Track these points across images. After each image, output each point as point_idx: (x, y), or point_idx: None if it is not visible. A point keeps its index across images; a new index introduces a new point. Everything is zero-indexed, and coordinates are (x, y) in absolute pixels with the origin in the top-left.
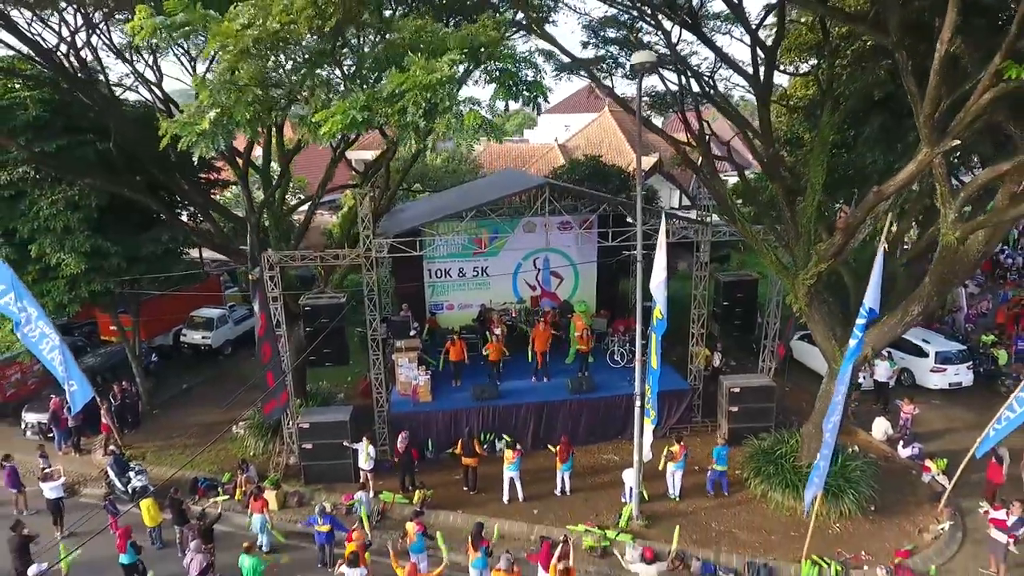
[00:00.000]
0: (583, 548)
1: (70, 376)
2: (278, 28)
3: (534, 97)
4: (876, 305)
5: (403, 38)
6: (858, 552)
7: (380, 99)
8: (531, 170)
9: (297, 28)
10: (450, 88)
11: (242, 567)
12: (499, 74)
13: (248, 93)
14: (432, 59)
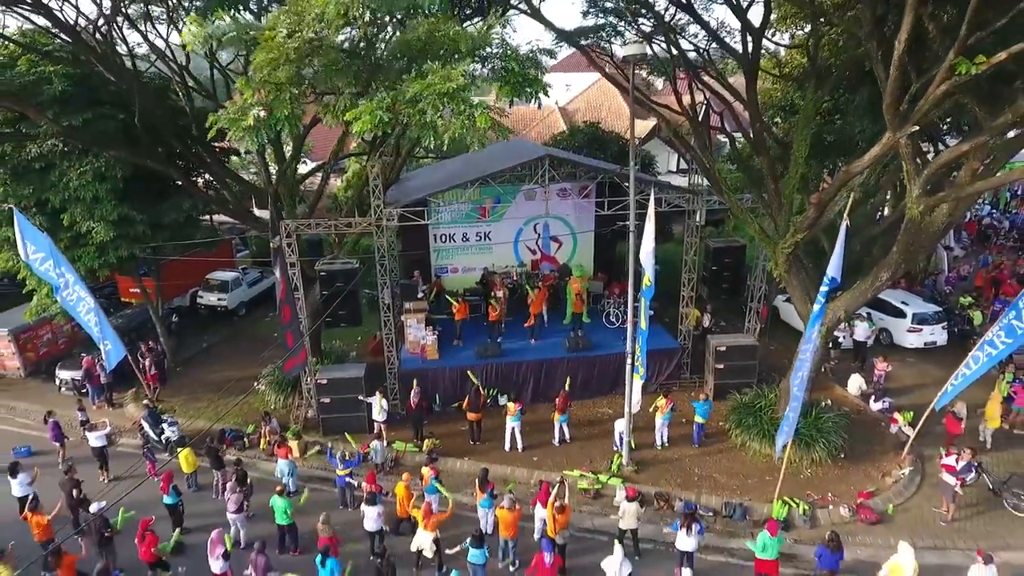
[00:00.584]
0: (578, 490)
1: (105, 336)
2: (313, 36)
3: (535, 93)
4: (837, 274)
5: (418, 37)
6: (825, 494)
7: (403, 101)
8: (531, 134)
9: (329, 35)
10: (464, 95)
11: (274, 506)
12: (505, 73)
13: (286, 92)
14: (447, 64)
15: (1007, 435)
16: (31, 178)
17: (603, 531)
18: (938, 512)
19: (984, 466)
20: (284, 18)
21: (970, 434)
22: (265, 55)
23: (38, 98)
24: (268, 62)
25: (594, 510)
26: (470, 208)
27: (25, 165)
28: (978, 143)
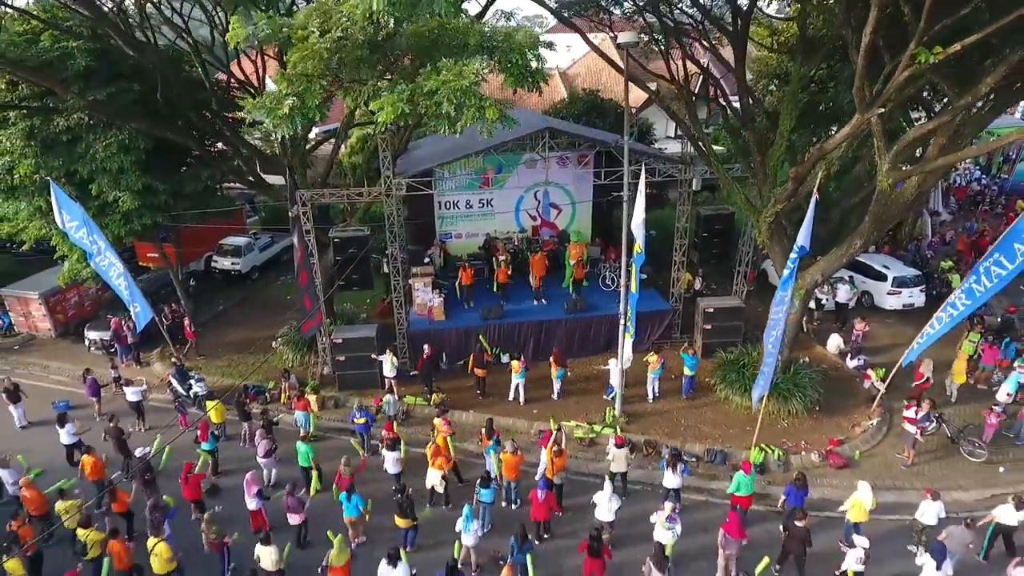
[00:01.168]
0: (574, 438)
1: (134, 299)
2: (341, 35)
3: (536, 83)
4: (806, 243)
5: (430, 28)
6: (799, 442)
7: (421, 93)
8: (532, 100)
9: (355, 33)
10: (476, 91)
11: (298, 451)
12: (510, 65)
13: (316, 83)
14: (459, 61)
15: (971, 390)
16: (60, 150)
17: (597, 474)
18: (900, 458)
19: (945, 417)
20: (314, 17)
21: (938, 389)
22: (300, 55)
23: (63, 73)
24: (302, 59)
25: (588, 456)
26: (473, 176)
27: (53, 138)
28: (942, 122)
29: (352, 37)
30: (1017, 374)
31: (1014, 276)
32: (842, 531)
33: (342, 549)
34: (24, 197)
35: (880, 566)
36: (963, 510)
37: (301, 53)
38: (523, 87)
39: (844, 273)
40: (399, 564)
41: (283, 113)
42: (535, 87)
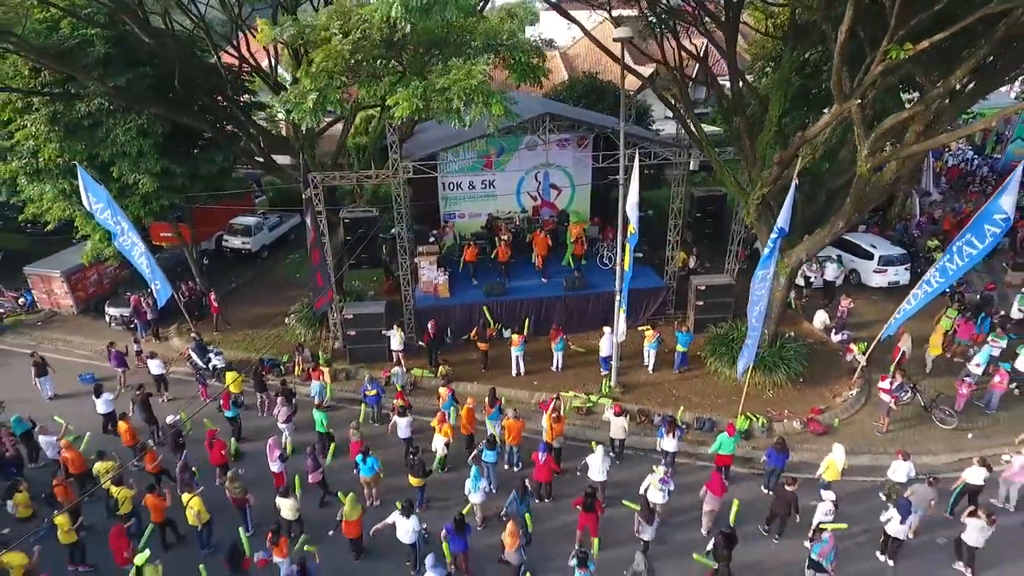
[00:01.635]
0: (572, 407)
1: (155, 277)
2: (360, 37)
3: (538, 78)
4: (786, 225)
5: (440, 25)
6: (783, 411)
7: (433, 90)
8: None
9: (372, 34)
10: (484, 89)
11: (315, 418)
12: (514, 62)
13: (337, 80)
14: (467, 59)
15: (948, 363)
16: (82, 135)
17: (594, 440)
18: (876, 425)
19: (919, 387)
20: (335, 18)
21: (917, 362)
22: (324, 55)
23: (83, 60)
24: (326, 59)
25: (586, 424)
26: (476, 158)
27: (76, 123)
28: (915, 112)
29: (370, 38)
30: (989, 347)
31: (983, 256)
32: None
33: (354, 505)
34: (49, 180)
35: (853, 522)
36: (932, 472)
37: (325, 54)
38: (526, 82)
39: (832, 252)
40: (412, 516)
41: (307, 107)
42: (537, 82)
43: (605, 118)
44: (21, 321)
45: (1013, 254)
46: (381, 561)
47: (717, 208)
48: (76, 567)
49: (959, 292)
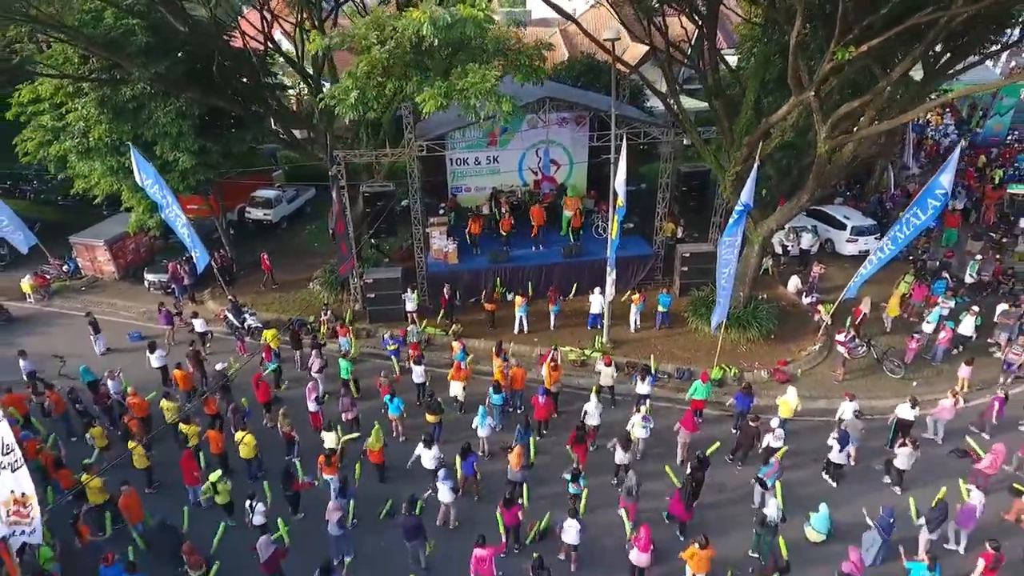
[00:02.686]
0: (568, 360)
1: (195, 246)
2: (393, 46)
3: (539, 78)
4: (750, 200)
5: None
6: (754, 362)
7: (455, 91)
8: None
9: (404, 44)
10: (497, 90)
11: (340, 367)
12: (519, 65)
13: (373, 79)
14: (482, 65)
15: (904, 322)
16: (127, 117)
17: (587, 388)
18: (833, 375)
19: (873, 342)
20: (372, 28)
21: (877, 321)
22: (366, 62)
23: (127, 49)
24: (367, 64)
25: (580, 374)
26: (482, 136)
27: (122, 106)
28: (864, 101)
29: (402, 46)
30: (940, 308)
31: (927, 226)
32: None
33: (378, 438)
34: (98, 157)
35: (808, 453)
36: (879, 413)
37: (367, 61)
38: (529, 82)
39: (808, 223)
40: (432, 446)
41: (350, 103)
42: (538, 82)
43: (600, 99)
44: (67, 286)
45: (975, 224)
46: (400, 483)
47: (701, 182)
48: (151, 489)
49: (922, 260)
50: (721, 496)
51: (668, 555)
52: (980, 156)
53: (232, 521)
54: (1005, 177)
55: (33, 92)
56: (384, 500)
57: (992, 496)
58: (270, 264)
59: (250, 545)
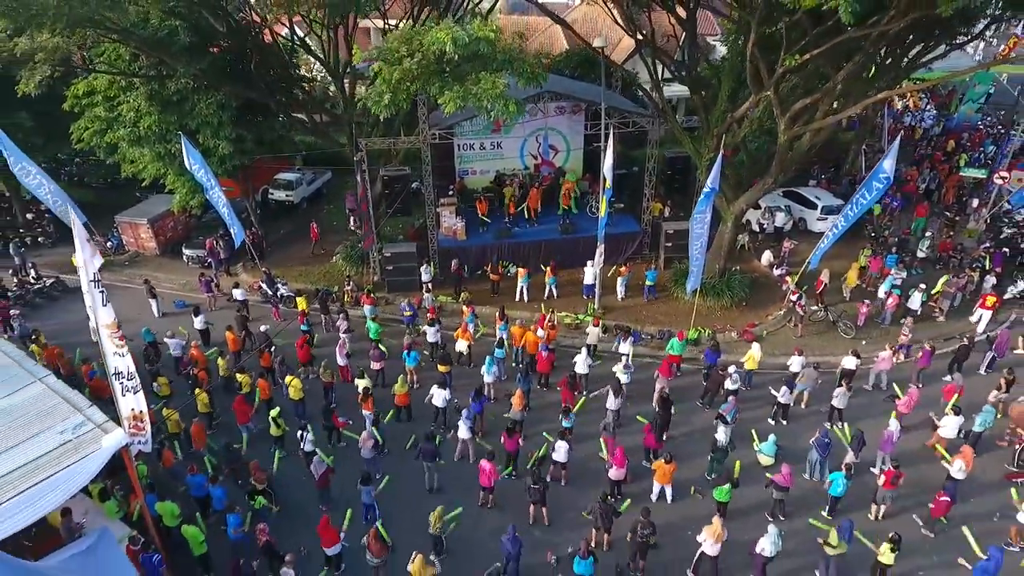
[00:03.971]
0: (563, 324)
1: (232, 223)
2: (420, 58)
3: (538, 82)
4: (716, 184)
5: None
6: (726, 325)
7: (470, 95)
8: (535, 44)
9: (430, 56)
10: (505, 95)
11: (369, 328)
12: (522, 71)
13: (403, 84)
14: (493, 73)
15: (862, 290)
16: (173, 109)
17: (579, 346)
18: (792, 329)
19: (829, 307)
20: (402, 42)
21: (837, 290)
22: (399, 72)
23: (173, 48)
24: (400, 74)
25: (574, 335)
26: (487, 123)
27: (168, 99)
28: (815, 99)
29: (428, 59)
30: (892, 278)
31: (872, 204)
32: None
33: (403, 383)
34: (147, 144)
35: (764, 398)
36: (831, 367)
37: (399, 71)
38: (530, 85)
39: (782, 203)
40: (444, 388)
41: (384, 103)
42: (539, 86)
43: (594, 90)
44: (111, 261)
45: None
46: (421, 423)
47: (684, 167)
48: (211, 430)
49: (883, 236)
50: (688, 431)
51: (640, 476)
52: (950, 141)
53: (283, 451)
54: (970, 161)
55: (88, 86)
56: (408, 435)
57: (918, 431)
58: (319, 233)
59: (305, 466)
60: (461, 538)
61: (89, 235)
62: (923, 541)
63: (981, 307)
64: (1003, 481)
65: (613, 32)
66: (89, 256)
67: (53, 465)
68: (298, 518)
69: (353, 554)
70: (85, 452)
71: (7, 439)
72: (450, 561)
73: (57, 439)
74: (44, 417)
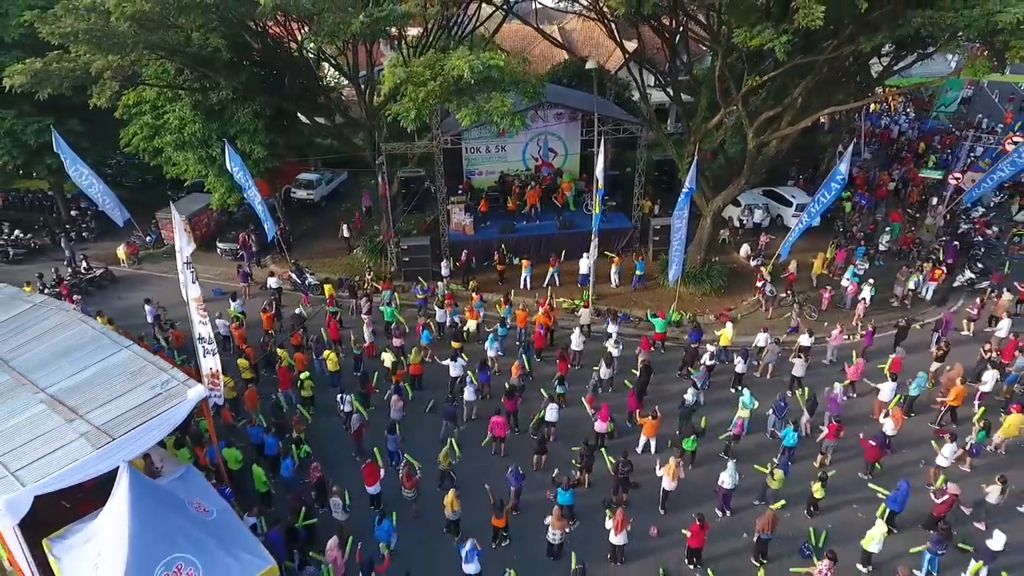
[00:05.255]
0: (561, 309)
1: (266, 219)
2: (442, 81)
3: (539, 98)
4: (693, 184)
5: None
6: (705, 309)
7: (483, 111)
8: (535, 51)
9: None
10: (513, 112)
11: (384, 312)
12: (526, 91)
13: (428, 100)
14: (502, 93)
15: (829, 279)
16: (215, 117)
17: (573, 326)
18: (764, 313)
19: (795, 292)
20: (427, 68)
21: (806, 279)
22: (425, 92)
23: (215, 64)
24: (425, 94)
25: (570, 317)
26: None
27: (210, 108)
28: (777, 113)
29: (448, 82)
30: (853, 268)
31: (832, 202)
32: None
33: (416, 355)
34: (191, 149)
35: (729, 370)
36: (792, 344)
37: (425, 92)
38: (531, 100)
39: (760, 201)
40: (457, 359)
41: (411, 118)
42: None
43: (587, 99)
44: (150, 253)
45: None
46: (434, 391)
47: (671, 168)
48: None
49: (851, 232)
50: (669, 397)
51: (624, 432)
52: (921, 143)
53: (313, 408)
54: (938, 162)
55: (138, 96)
56: (427, 401)
57: (864, 399)
58: (361, 222)
59: (344, 423)
60: (474, 476)
61: (131, 230)
62: (860, 482)
63: (931, 280)
64: (931, 436)
65: (610, 41)
66: (184, 243)
67: (150, 411)
68: (336, 466)
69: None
70: (174, 402)
71: (111, 391)
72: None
73: (150, 392)
74: (136, 375)
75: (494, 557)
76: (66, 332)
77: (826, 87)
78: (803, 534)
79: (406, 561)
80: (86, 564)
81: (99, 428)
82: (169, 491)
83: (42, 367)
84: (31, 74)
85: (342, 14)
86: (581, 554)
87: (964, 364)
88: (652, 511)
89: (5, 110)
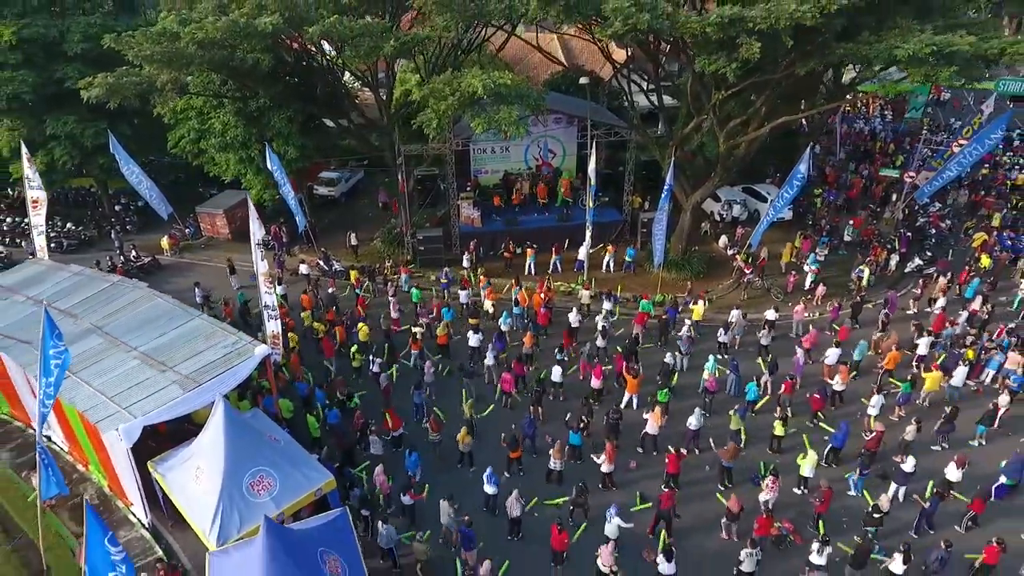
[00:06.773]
0: (560, 291)
1: (297, 213)
2: (459, 96)
3: (540, 110)
4: (672, 182)
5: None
6: (685, 291)
7: (493, 121)
8: (533, 60)
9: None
10: (519, 121)
11: (411, 293)
12: (529, 103)
13: (448, 111)
14: (510, 106)
15: (795, 265)
16: (254, 122)
17: (570, 306)
18: (739, 298)
19: (765, 277)
20: (447, 83)
21: (775, 266)
22: (446, 104)
23: (256, 75)
24: (446, 106)
25: (568, 298)
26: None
27: (250, 114)
28: (743, 120)
29: (464, 96)
30: (815, 255)
31: (795, 196)
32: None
33: (443, 328)
34: (232, 151)
35: (705, 342)
36: (762, 320)
37: (445, 105)
38: (534, 113)
39: (738, 197)
40: (477, 333)
41: (433, 126)
42: (541, 113)
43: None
44: (190, 244)
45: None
46: (456, 358)
47: (658, 168)
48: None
49: (819, 225)
50: (649, 364)
51: (614, 391)
52: (891, 144)
53: (361, 379)
54: (905, 162)
55: (185, 103)
56: (447, 365)
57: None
58: (398, 208)
59: (375, 381)
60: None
61: (172, 223)
62: (812, 429)
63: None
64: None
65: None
66: (256, 228)
67: (226, 364)
68: (371, 417)
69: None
70: (244, 358)
71: (193, 349)
72: (482, 439)
73: (223, 351)
74: (210, 337)
75: (509, 484)
76: (145, 304)
77: (792, 96)
78: (757, 466)
79: (435, 488)
80: (187, 475)
81: (187, 376)
82: (250, 422)
83: (130, 332)
84: (106, 87)
85: (376, 39)
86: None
87: (901, 336)
88: (632, 452)
89: (66, 115)
